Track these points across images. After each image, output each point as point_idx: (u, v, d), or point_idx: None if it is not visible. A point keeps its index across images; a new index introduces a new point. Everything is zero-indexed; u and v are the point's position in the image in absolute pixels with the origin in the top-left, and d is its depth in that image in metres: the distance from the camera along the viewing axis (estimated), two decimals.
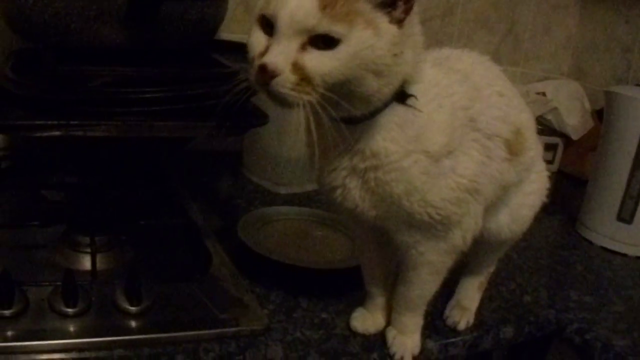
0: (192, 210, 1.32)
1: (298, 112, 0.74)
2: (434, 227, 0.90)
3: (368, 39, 0.73)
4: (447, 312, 1.11)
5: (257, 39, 0.76)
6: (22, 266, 1.06)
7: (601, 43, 2.08)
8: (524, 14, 2.10)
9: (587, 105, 1.94)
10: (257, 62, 0.74)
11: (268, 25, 0.75)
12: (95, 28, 1.07)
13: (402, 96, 0.82)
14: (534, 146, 1.03)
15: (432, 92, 0.85)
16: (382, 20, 0.74)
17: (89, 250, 1.11)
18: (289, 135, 1.52)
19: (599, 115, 1.88)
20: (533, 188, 1.06)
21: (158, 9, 1.05)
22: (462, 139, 0.87)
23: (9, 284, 0.95)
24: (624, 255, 1.51)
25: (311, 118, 0.75)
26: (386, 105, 0.82)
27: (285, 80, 0.72)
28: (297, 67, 0.72)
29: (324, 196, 0.94)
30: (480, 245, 1.04)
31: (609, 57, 2.05)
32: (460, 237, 0.93)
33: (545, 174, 1.09)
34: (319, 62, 0.72)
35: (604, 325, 1.18)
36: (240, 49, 1.30)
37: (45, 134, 0.95)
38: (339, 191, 0.89)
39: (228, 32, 1.24)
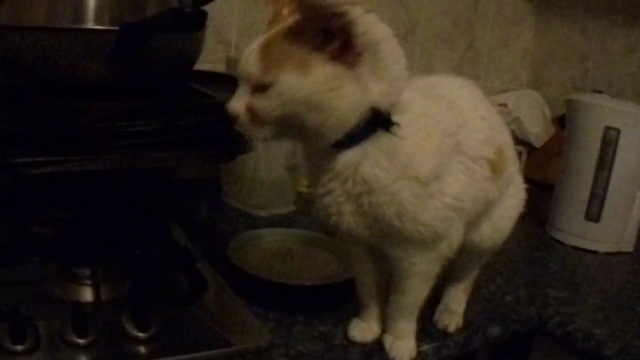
0: (180, 238, 1.36)
1: (263, 145, 0.88)
2: (424, 241, 0.96)
3: (292, 80, 0.82)
4: (436, 316, 1.17)
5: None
6: (27, 302, 1.08)
7: (558, 53, 2.17)
8: (483, 29, 2.18)
9: (548, 113, 2.02)
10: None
11: None
12: (82, 64, 1.09)
13: (387, 124, 0.88)
14: (513, 162, 1.09)
15: (421, 121, 0.91)
16: (317, 59, 0.82)
17: (89, 282, 1.13)
18: (266, 160, 1.57)
19: (559, 122, 1.96)
20: (512, 201, 1.12)
21: (145, 44, 1.08)
22: (449, 162, 0.93)
23: (20, 320, 0.97)
24: (594, 252, 1.59)
25: (299, 147, 0.85)
26: (367, 132, 0.88)
27: (242, 122, 0.86)
28: (249, 109, 0.86)
29: (318, 219, 0.99)
30: (464, 254, 1.10)
31: (566, 66, 2.14)
32: (447, 247, 0.99)
33: (523, 186, 1.15)
34: (260, 103, 0.85)
35: (583, 317, 1.24)
36: (214, 78, 1.35)
37: (44, 170, 0.98)
38: (334, 218, 0.95)
39: (200, 62, 1.28)
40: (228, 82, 1.32)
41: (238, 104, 0.86)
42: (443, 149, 0.92)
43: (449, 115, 0.95)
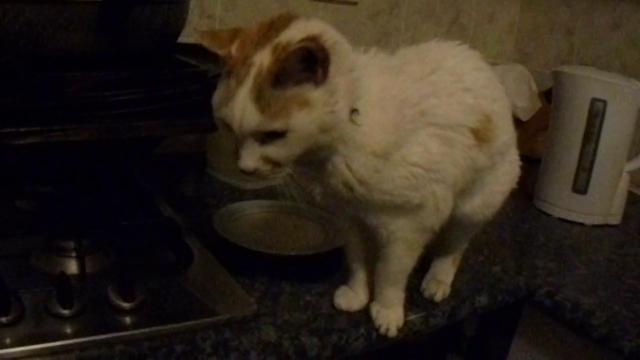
0: (166, 210, 1.35)
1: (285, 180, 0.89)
2: (401, 209, 0.96)
3: (306, 118, 0.82)
4: (423, 285, 1.17)
5: (228, 140, 0.87)
6: (11, 274, 1.06)
7: (544, 27, 2.17)
8: (468, 3, 2.18)
9: (534, 87, 2.02)
10: (236, 165, 0.86)
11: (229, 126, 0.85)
12: (66, 36, 1.07)
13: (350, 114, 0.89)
14: (506, 133, 1.07)
15: (374, 99, 0.90)
16: (310, 90, 0.82)
17: (74, 254, 1.12)
18: None
19: (546, 96, 1.96)
20: (506, 177, 1.12)
21: (127, 15, 1.07)
22: (413, 132, 0.93)
23: (4, 291, 0.96)
24: (581, 224, 1.59)
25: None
26: None
27: (263, 172, 0.86)
28: (266, 159, 0.85)
29: None
30: (454, 227, 1.10)
31: (553, 40, 2.14)
32: (429, 217, 0.99)
33: (517, 162, 1.15)
34: (278, 151, 0.84)
35: (571, 288, 1.25)
36: (199, 51, 1.33)
37: (28, 141, 0.97)
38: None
39: (185, 37, 1.27)
40: (213, 54, 1.31)
41: (252, 160, 0.84)
42: (400, 120, 0.92)
43: (415, 86, 0.94)
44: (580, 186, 1.58)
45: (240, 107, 0.81)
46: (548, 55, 2.16)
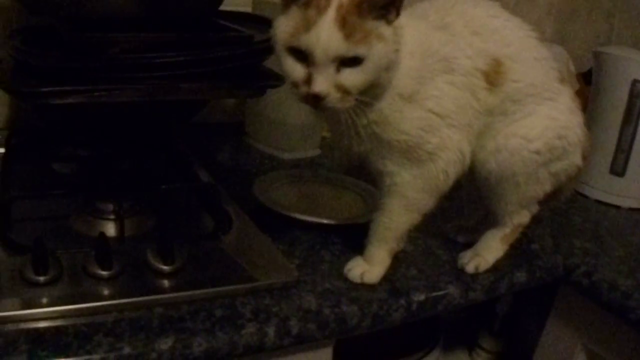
0: (204, 177, 1.33)
1: (345, 115, 0.93)
2: (410, 157, 1.00)
3: (382, 50, 0.88)
4: (460, 254, 1.16)
5: (295, 68, 0.90)
6: (50, 236, 1.06)
7: (583, 9, 2.14)
8: None
9: (572, 68, 1.99)
10: (304, 90, 0.89)
11: (301, 54, 0.88)
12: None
13: None
14: (522, 78, 1.03)
15: (407, 47, 0.95)
16: (383, 28, 0.89)
17: (112, 217, 1.12)
18: (291, 102, 1.55)
19: (584, 77, 1.94)
20: (532, 127, 1.05)
21: None
22: (432, 78, 0.98)
23: (43, 251, 0.95)
24: (618, 207, 1.56)
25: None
26: None
27: (333, 99, 0.89)
28: (338, 87, 0.88)
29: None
30: (478, 182, 1.09)
31: (592, 22, 2.11)
32: (439, 171, 1.01)
33: (558, 118, 1.07)
34: (353, 78, 0.89)
35: (608, 268, 1.23)
36: (241, 17, 1.33)
37: (71, 100, 0.97)
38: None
39: (227, 5, 1.26)
40: (254, 20, 1.30)
41: (326, 85, 0.88)
42: (424, 68, 0.97)
43: (436, 33, 0.99)
44: (618, 168, 1.56)
45: (326, 33, 0.85)
46: (587, 36, 2.12)
